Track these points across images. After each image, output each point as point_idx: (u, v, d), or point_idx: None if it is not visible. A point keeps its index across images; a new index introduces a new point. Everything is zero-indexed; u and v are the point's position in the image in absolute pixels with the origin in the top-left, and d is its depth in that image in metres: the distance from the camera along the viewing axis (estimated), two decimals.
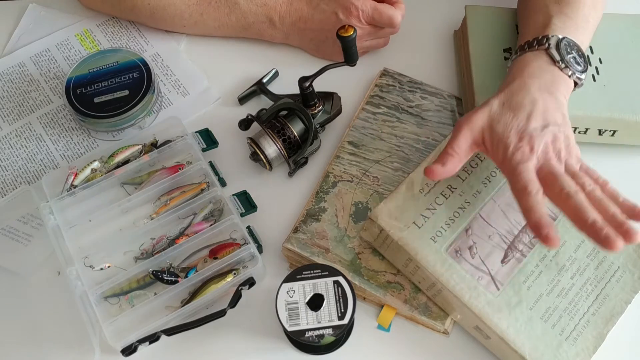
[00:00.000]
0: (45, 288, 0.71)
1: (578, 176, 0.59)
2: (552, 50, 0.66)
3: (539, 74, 0.65)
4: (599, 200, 0.58)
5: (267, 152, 0.74)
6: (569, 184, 0.58)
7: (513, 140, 0.60)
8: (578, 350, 0.61)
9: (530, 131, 0.60)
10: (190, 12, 0.84)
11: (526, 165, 0.59)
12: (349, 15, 0.79)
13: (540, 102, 0.62)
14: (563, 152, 0.60)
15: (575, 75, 0.66)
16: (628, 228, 0.55)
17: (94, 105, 0.78)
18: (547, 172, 0.59)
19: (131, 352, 0.64)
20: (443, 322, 0.66)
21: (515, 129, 0.61)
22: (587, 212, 0.56)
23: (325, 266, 0.64)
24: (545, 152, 0.60)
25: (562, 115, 0.63)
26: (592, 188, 0.58)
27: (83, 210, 0.74)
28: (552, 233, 0.55)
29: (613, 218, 0.56)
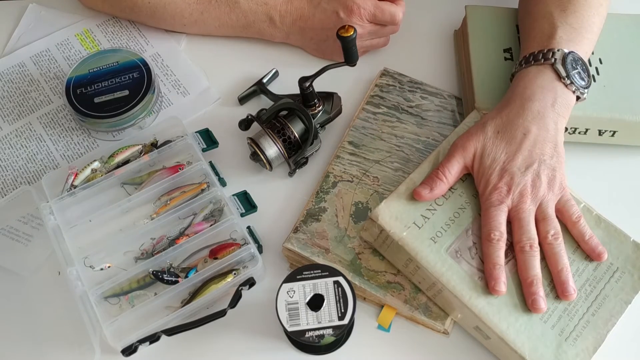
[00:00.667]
0: (45, 288, 0.71)
1: (546, 222, 0.64)
2: (558, 66, 0.66)
3: (541, 95, 0.66)
4: (554, 253, 0.63)
5: (267, 152, 0.74)
6: (527, 236, 0.63)
7: (495, 178, 0.64)
8: (578, 351, 0.61)
9: (513, 170, 0.64)
10: (190, 11, 0.83)
11: (498, 209, 0.63)
12: (350, 14, 0.79)
13: (532, 134, 0.64)
14: (541, 191, 0.64)
15: (579, 90, 0.67)
16: (564, 289, 0.62)
17: (94, 105, 0.78)
18: (514, 217, 0.64)
19: (131, 352, 0.64)
20: (443, 322, 0.66)
21: (500, 166, 0.64)
22: (529, 271, 0.62)
23: (325, 266, 0.64)
24: (522, 194, 0.63)
25: (553, 145, 0.65)
26: (553, 239, 0.63)
27: (83, 210, 0.74)
28: (499, 286, 0.62)
29: (559, 274, 0.63)
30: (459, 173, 0.66)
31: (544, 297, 0.62)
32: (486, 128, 0.66)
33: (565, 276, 0.63)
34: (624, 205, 0.73)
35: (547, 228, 0.64)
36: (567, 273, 0.63)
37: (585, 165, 0.76)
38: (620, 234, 0.66)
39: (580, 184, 0.70)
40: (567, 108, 0.67)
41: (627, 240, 0.66)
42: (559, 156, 0.65)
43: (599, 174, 0.76)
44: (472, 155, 0.66)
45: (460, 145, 0.66)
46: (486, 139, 0.65)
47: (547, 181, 0.64)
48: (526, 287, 0.62)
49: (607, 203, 0.69)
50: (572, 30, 0.69)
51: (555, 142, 0.65)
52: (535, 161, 0.64)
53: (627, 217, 0.69)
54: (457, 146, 0.67)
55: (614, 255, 0.65)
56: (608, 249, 0.65)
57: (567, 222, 0.65)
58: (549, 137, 0.65)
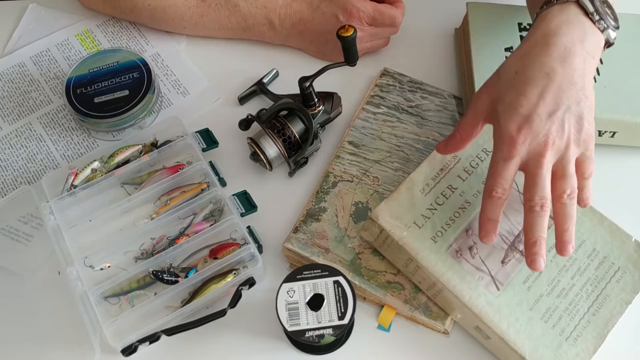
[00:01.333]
0: (45, 288, 0.71)
1: (564, 180, 0.57)
2: (585, 1, 0.59)
3: (567, 30, 0.58)
4: (564, 214, 0.58)
5: (267, 152, 0.74)
6: (540, 195, 0.56)
7: (510, 126, 0.56)
8: (578, 351, 0.61)
9: (533, 117, 0.56)
10: (190, 14, 0.83)
11: (509, 163, 0.57)
12: (349, 17, 0.79)
13: (557, 75, 0.56)
14: (563, 143, 0.56)
15: (609, 30, 0.60)
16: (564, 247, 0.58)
17: (94, 105, 0.78)
18: (529, 171, 0.57)
19: (131, 352, 0.64)
20: (443, 322, 0.66)
21: (516, 112, 0.56)
22: (534, 232, 0.57)
23: (325, 266, 0.64)
24: (540, 146, 0.56)
25: (581, 88, 0.57)
26: (567, 199, 0.57)
27: (83, 210, 0.74)
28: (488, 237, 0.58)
29: (563, 234, 0.58)
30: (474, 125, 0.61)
31: (544, 256, 0.57)
32: (503, 69, 0.59)
33: (569, 236, 0.58)
34: (625, 205, 0.73)
35: (564, 186, 0.57)
36: (572, 233, 0.58)
37: None
38: (623, 233, 0.66)
39: None
40: (597, 48, 0.59)
41: (629, 240, 0.66)
42: (587, 100, 0.57)
43: (600, 174, 0.75)
44: (487, 103, 0.59)
45: (477, 95, 0.60)
46: (502, 82, 0.58)
47: (573, 132, 0.56)
48: (528, 247, 0.57)
49: (608, 203, 0.69)
50: None
51: (583, 84, 0.57)
52: (560, 107, 0.56)
53: (628, 217, 0.69)
54: (474, 97, 0.61)
55: (616, 255, 0.65)
56: (610, 247, 0.65)
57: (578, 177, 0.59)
58: (576, 78, 0.56)
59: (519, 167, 0.58)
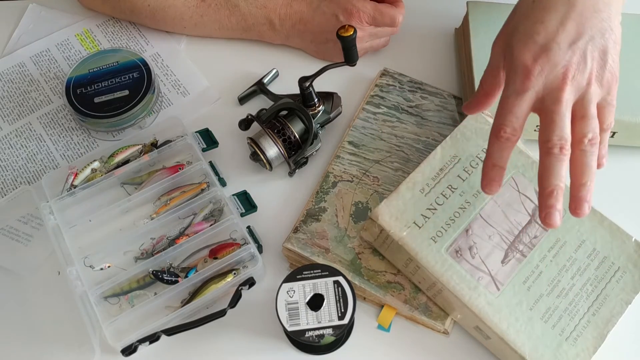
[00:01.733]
0: (45, 288, 0.71)
1: (585, 121, 0.50)
2: None
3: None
4: (583, 164, 0.51)
5: (267, 152, 0.74)
6: (559, 136, 0.49)
7: (525, 56, 0.50)
8: (578, 351, 0.61)
9: (551, 46, 0.50)
10: (190, 14, 0.83)
11: (521, 98, 0.50)
12: (349, 18, 0.79)
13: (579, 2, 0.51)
14: (585, 77, 0.50)
15: None
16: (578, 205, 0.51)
17: (94, 105, 0.78)
18: (546, 108, 0.50)
19: (131, 352, 0.64)
20: (443, 322, 0.66)
21: (532, 40, 0.50)
22: (551, 179, 0.50)
23: (325, 266, 0.64)
24: (558, 79, 0.49)
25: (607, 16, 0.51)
26: (588, 145, 0.51)
27: (83, 210, 0.74)
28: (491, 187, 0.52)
29: (579, 188, 0.52)
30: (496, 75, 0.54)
31: (561, 211, 0.50)
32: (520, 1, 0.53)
33: (586, 192, 0.51)
34: (625, 205, 0.73)
35: (585, 129, 0.50)
36: (590, 189, 0.51)
37: None
38: (623, 233, 0.66)
39: None
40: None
41: (629, 240, 0.66)
42: (613, 33, 0.51)
43: (599, 174, 0.75)
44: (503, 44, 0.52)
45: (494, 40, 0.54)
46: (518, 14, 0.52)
47: (595, 67, 0.50)
48: (543, 198, 0.50)
49: (608, 203, 0.69)
50: None
51: (609, 14, 0.51)
52: (583, 36, 0.50)
53: (628, 217, 0.69)
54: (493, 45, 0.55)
55: (616, 254, 0.65)
56: (610, 247, 0.65)
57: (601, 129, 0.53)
58: (602, 6, 0.51)
59: (534, 108, 0.51)
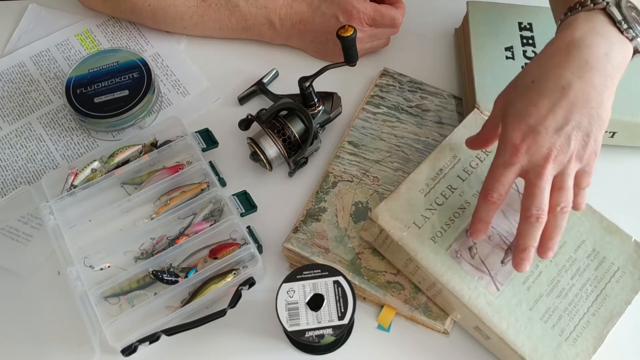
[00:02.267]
0: (45, 288, 0.71)
1: (561, 193, 0.57)
2: (612, 9, 0.56)
3: (592, 41, 0.55)
4: (555, 226, 0.58)
5: (267, 152, 0.74)
6: (538, 207, 0.56)
7: (515, 134, 0.56)
8: (578, 351, 0.61)
9: (539, 129, 0.55)
10: (190, 14, 0.83)
11: (508, 171, 0.56)
12: (349, 18, 0.79)
13: (573, 89, 0.54)
14: (565, 159, 0.56)
15: (638, 38, 0.57)
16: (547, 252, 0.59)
17: (94, 105, 0.78)
18: (529, 181, 0.57)
19: (131, 352, 0.64)
20: (443, 322, 0.66)
21: (524, 121, 0.55)
22: (527, 240, 0.58)
23: (325, 266, 0.64)
24: (543, 158, 0.55)
25: (597, 105, 0.55)
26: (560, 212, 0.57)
27: (83, 210, 0.74)
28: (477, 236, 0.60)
29: (547, 241, 0.59)
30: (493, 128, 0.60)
31: (531, 261, 0.58)
32: (522, 75, 0.57)
33: (553, 244, 0.58)
34: (625, 205, 0.73)
35: (559, 199, 0.56)
36: (556, 243, 0.59)
37: None
38: (622, 233, 0.66)
39: None
40: (623, 61, 0.56)
41: (628, 240, 0.66)
42: (599, 119, 0.55)
43: (599, 174, 0.76)
44: (502, 107, 0.58)
45: (497, 98, 0.59)
46: (518, 88, 0.56)
47: (578, 148, 0.55)
48: (517, 252, 0.58)
49: (608, 203, 0.69)
50: None
51: (600, 101, 0.55)
52: (569, 123, 0.54)
53: (628, 217, 0.69)
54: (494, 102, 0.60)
55: (615, 255, 0.65)
56: (609, 248, 0.65)
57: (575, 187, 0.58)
58: (593, 96, 0.54)
59: (520, 174, 0.57)
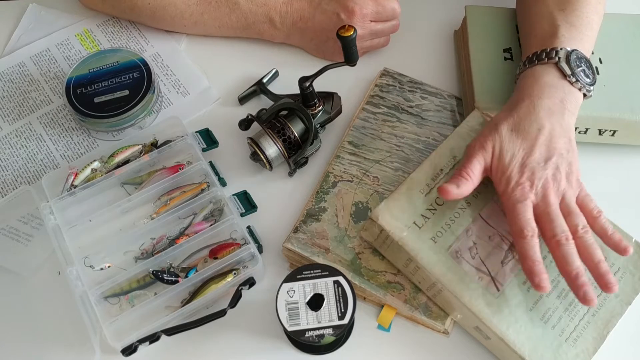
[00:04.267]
0: (45, 288, 0.71)
1: (572, 216, 0.62)
2: (562, 64, 0.66)
3: (550, 93, 0.65)
4: (587, 246, 0.61)
5: (267, 152, 0.74)
6: (561, 229, 0.60)
7: (516, 174, 0.62)
8: (578, 352, 0.61)
9: (533, 165, 0.62)
10: (190, 12, 0.83)
11: (524, 205, 0.61)
12: (351, 15, 0.79)
13: (546, 129, 0.63)
14: (562, 184, 0.62)
15: (585, 88, 0.66)
16: (607, 281, 0.59)
17: (94, 105, 0.78)
18: (542, 211, 0.62)
19: (131, 352, 0.64)
20: (443, 322, 0.66)
21: (519, 162, 0.63)
22: (572, 264, 0.59)
23: (325, 266, 0.64)
24: (545, 188, 0.62)
25: (568, 140, 0.64)
26: (583, 232, 0.61)
27: (83, 210, 0.74)
28: (543, 282, 0.59)
29: (597, 267, 0.60)
30: (481, 173, 0.65)
31: (592, 287, 0.59)
32: (500, 127, 0.65)
33: (604, 268, 0.60)
34: (625, 205, 0.73)
35: (576, 221, 0.61)
36: (606, 265, 0.60)
37: (585, 165, 0.75)
38: (622, 233, 0.66)
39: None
40: (575, 105, 0.66)
41: (628, 240, 0.66)
42: (573, 151, 0.64)
43: (599, 173, 0.76)
44: (490, 154, 0.64)
45: (479, 145, 0.65)
46: (502, 137, 0.64)
47: (566, 175, 0.63)
48: (572, 281, 0.59)
49: (608, 203, 0.69)
50: (573, 29, 0.69)
51: (569, 137, 0.64)
52: (554, 154, 0.63)
53: (628, 217, 0.68)
54: (474, 147, 0.65)
55: (616, 255, 0.65)
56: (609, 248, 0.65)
57: (588, 218, 0.63)
58: (563, 132, 0.64)
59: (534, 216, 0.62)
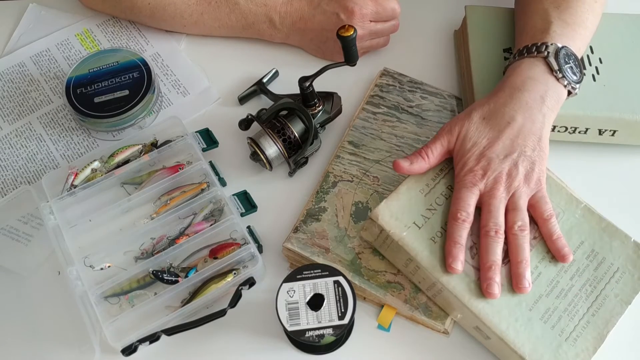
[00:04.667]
0: (45, 288, 0.71)
1: (515, 212, 0.64)
2: (551, 59, 0.67)
3: (531, 86, 0.66)
4: (517, 245, 0.63)
5: (267, 152, 0.74)
6: (494, 222, 0.63)
7: (472, 161, 0.64)
8: (578, 351, 0.61)
9: (491, 156, 0.64)
10: (190, 12, 0.83)
11: (470, 191, 0.63)
12: (351, 16, 0.79)
13: (517, 123, 0.64)
14: (516, 182, 0.63)
15: (571, 85, 0.67)
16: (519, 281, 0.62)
17: (94, 105, 0.78)
18: (485, 201, 0.64)
19: (131, 352, 0.64)
20: (443, 322, 0.66)
21: (479, 150, 0.64)
22: (489, 255, 0.62)
23: (325, 266, 0.64)
24: (496, 181, 0.63)
25: (537, 138, 0.64)
26: (518, 230, 0.63)
27: (83, 210, 0.74)
28: (454, 264, 0.62)
29: (517, 265, 0.63)
30: (441, 155, 0.66)
31: (499, 283, 0.62)
32: (472, 114, 0.66)
33: (522, 269, 0.62)
34: (625, 205, 0.73)
35: (515, 219, 0.63)
36: (525, 267, 0.62)
37: (585, 165, 0.76)
38: (621, 234, 0.66)
39: (581, 183, 0.70)
40: (557, 102, 0.67)
41: (628, 240, 0.66)
42: (541, 151, 0.65)
43: (599, 173, 0.76)
44: (455, 138, 0.66)
45: (447, 128, 0.67)
46: (471, 123, 0.65)
47: (525, 173, 0.64)
48: (483, 272, 0.62)
49: (608, 203, 0.69)
50: (565, 26, 0.70)
51: (540, 135, 0.65)
52: (515, 151, 0.64)
53: (628, 216, 0.69)
54: (442, 129, 0.67)
55: (615, 255, 0.65)
56: (609, 248, 0.65)
57: (538, 219, 0.65)
58: (534, 130, 0.64)
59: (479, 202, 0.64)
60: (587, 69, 0.75)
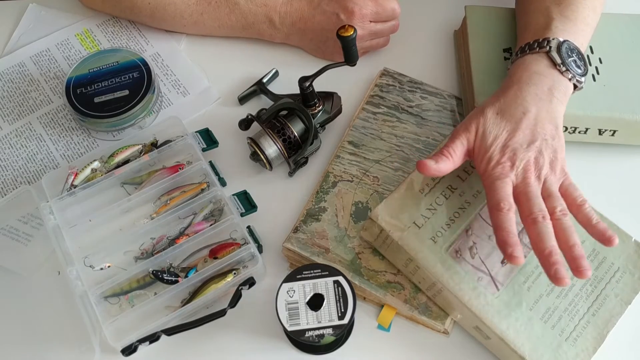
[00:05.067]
0: (45, 288, 0.71)
1: (552, 199, 0.61)
2: (553, 53, 0.66)
3: (538, 80, 0.66)
4: (564, 229, 0.59)
5: (267, 152, 0.74)
6: (538, 207, 0.60)
7: (497, 154, 0.62)
8: (578, 351, 0.61)
9: (515, 146, 0.62)
10: (190, 12, 0.84)
11: (503, 182, 0.61)
12: (350, 16, 0.79)
13: (532, 113, 0.63)
14: (545, 170, 0.62)
15: (576, 78, 0.66)
16: (579, 264, 0.57)
17: (94, 105, 0.78)
18: (521, 191, 0.61)
19: (131, 352, 0.64)
20: (443, 322, 0.66)
21: (501, 143, 0.63)
22: (546, 242, 0.58)
23: (325, 266, 0.64)
24: (525, 170, 0.61)
25: (554, 126, 0.64)
26: (561, 215, 0.60)
27: (83, 210, 0.74)
28: (516, 252, 0.57)
29: (571, 249, 0.59)
30: (463, 154, 0.65)
31: (564, 264, 0.57)
32: (485, 110, 0.65)
33: (578, 251, 0.58)
34: (625, 204, 0.73)
35: (554, 204, 0.61)
36: (581, 249, 0.58)
37: (585, 164, 0.76)
38: (622, 233, 0.66)
39: (581, 183, 0.70)
40: (565, 95, 0.66)
41: (628, 240, 0.66)
42: (560, 139, 0.64)
43: (600, 173, 0.76)
44: (474, 136, 0.64)
45: (463, 127, 0.65)
46: (486, 119, 0.64)
47: (550, 161, 0.62)
48: (545, 259, 0.58)
49: (608, 202, 0.69)
50: (567, 21, 0.70)
51: (555, 124, 0.64)
52: (538, 138, 0.62)
53: (628, 216, 0.69)
54: (458, 129, 0.65)
55: (615, 254, 0.65)
56: (609, 248, 0.65)
57: (572, 206, 0.62)
58: (550, 119, 0.64)
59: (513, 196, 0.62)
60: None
